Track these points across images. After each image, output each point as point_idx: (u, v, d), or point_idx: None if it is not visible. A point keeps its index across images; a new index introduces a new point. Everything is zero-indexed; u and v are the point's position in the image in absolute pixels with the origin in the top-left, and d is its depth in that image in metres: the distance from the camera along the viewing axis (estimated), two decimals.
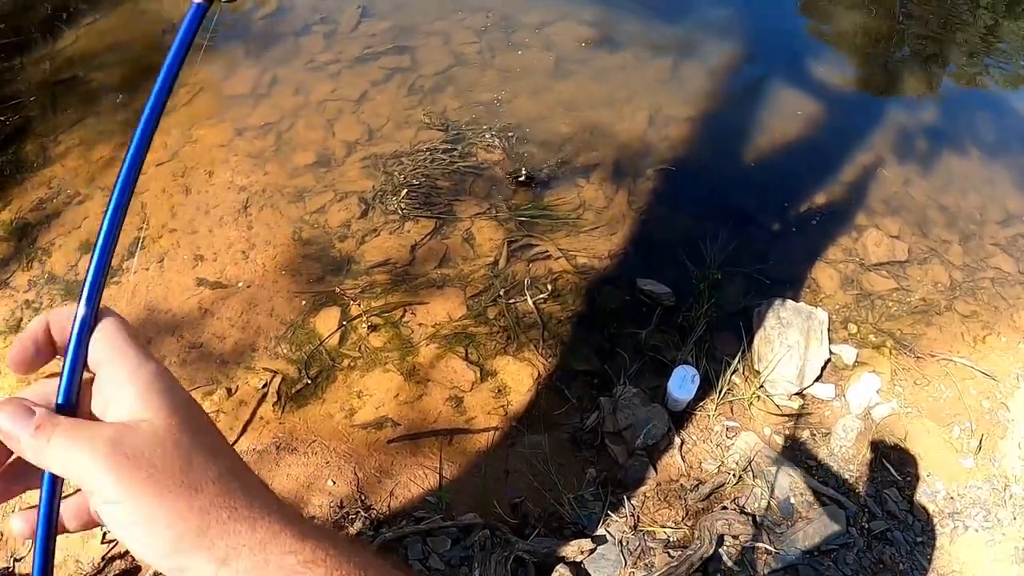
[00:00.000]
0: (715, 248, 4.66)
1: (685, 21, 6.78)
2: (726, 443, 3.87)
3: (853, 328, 4.52)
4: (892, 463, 3.96)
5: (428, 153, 5.20)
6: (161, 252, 4.62)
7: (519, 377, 4.04)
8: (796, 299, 4.48)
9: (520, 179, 4.98)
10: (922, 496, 3.86)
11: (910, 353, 4.44)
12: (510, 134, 5.41)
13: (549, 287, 4.45)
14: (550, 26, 6.52)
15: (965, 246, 5.09)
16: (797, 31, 7.23)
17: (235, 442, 3.70)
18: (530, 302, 4.35)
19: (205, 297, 4.37)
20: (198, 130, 5.44)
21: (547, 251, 4.66)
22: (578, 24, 6.56)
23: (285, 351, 4.12)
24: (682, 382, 3.76)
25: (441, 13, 6.56)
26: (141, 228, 4.75)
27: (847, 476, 3.87)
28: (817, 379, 4.19)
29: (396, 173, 5.05)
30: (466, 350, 4.15)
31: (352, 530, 3.34)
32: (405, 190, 4.92)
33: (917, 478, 3.93)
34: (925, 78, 6.76)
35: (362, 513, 3.41)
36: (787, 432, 4.01)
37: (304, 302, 4.35)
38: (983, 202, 5.42)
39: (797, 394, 4.14)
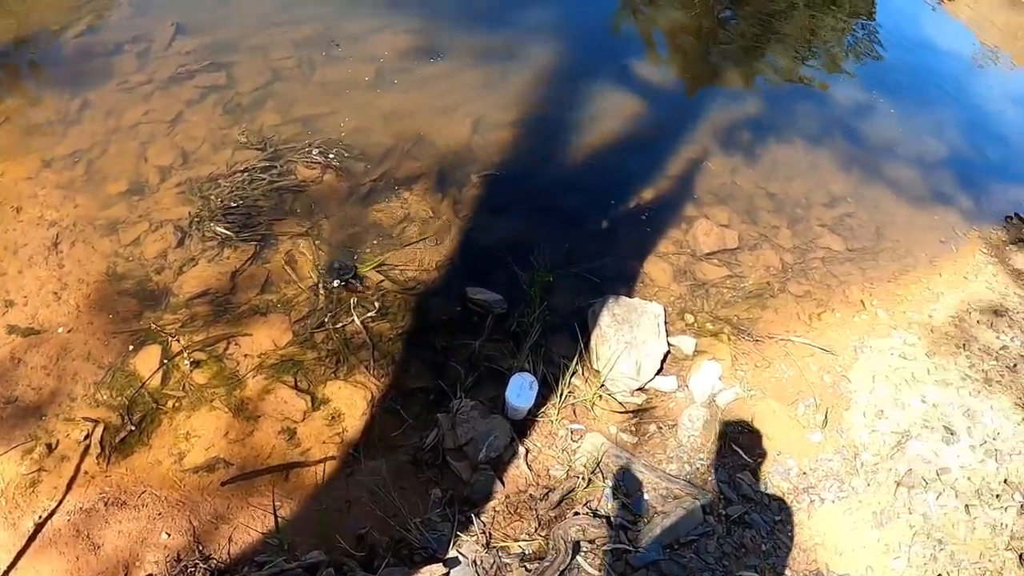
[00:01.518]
0: (546, 251, 4.64)
1: (506, 26, 6.76)
2: (572, 447, 3.83)
3: (690, 318, 4.59)
4: (742, 447, 4.02)
5: (246, 174, 4.97)
6: None
7: (352, 401, 3.89)
8: (630, 295, 4.50)
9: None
10: (775, 475, 3.94)
11: (748, 337, 4.53)
12: (331, 149, 5.24)
13: (377, 304, 4.32)
14: (370, 37, 6.38)
15: (794, 229, 5.25)
16: (619, 31, 7.32)
17: (60, 502, 3.43)
18: (357, 322, 4.21)
19: (17, 346, 4.03)
20: (1, 164, 5.02)
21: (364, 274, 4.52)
22: (399, 33, 6.44)
23: (105, 397, 3.85)
24: (520, 390, 3.70)
25: (260, 26, 6.31)
26: None
27: (699, 465, 3.90)
28: (658, 372, 4.21)
29: (213, 197, 4.80)
30: (295, 378, 3.97)
31: None
32: (223, 214, 4.69)
33: (769, 458, 4.01)
34: (748, 72, 6.96)
35: (201, 565, 3.21)
36: (633, 428, 4.01)
37: (122, 342, 4.07)
38: (808, 187, 5.62)
39: (639, 389, 4.16)
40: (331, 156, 5.18)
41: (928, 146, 6.85)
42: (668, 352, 4.31)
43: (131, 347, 4.04)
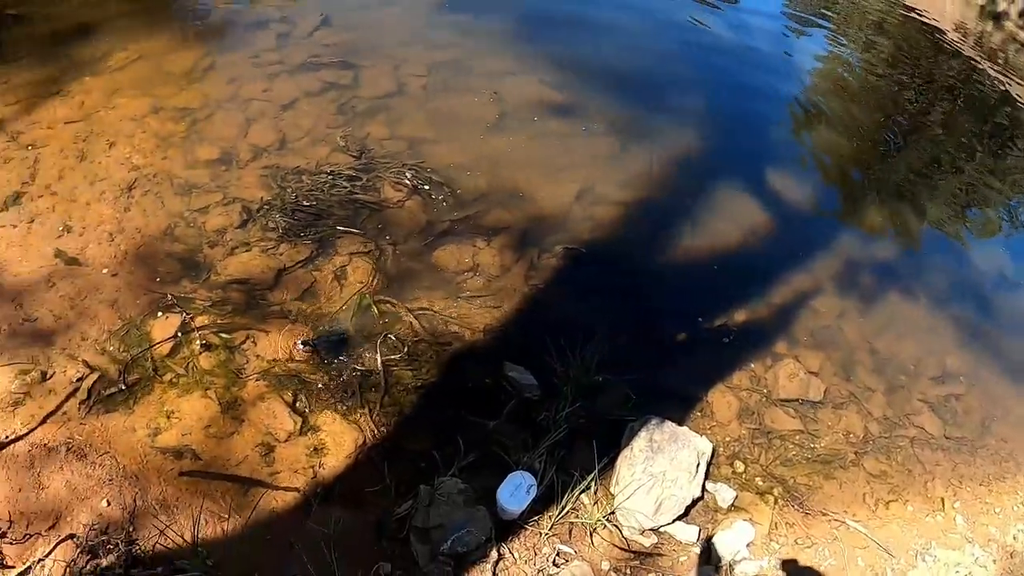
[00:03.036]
0: (604, 348, 4.23)
1: (651, 104, 6.53)
2: (550, 569, 3.36)
3: (740, 466, 4.10)
4: None
5: (330, 177, 4.88)
6: (34, 213, 4.37)
7: (341, 440, 3.60)
8: (681, 422, 4.05)
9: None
10: None
11: (799, 507, 4.02)
12: (425, 176, 5.09)
13: (405, 348, 4.03)
14: (507, 78, 6.30)
15: (890, 397, 4.73)
16: (769, 139, 6.99)
17: (30, 431, 3.37)
18: (378, 360, 3.92)
19: (56, 271, 4.08)
20: (119, 98, 5.24)
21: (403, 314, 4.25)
22: (538, 83, 6.34)
23: (112, 349, 3.77)
24: (515, 490, 3.32)
25: (401, 39, 6.39)
26: (26, 183, 4.53)
27: None
28: (680, 517, 3.74)
29: (290, 189, 4.74)
30: (295, 396, 3.73)
31: (104, 562, 2.97)
32: (292, 210, 4.60)
33: None
34: (892, 214, 6.48)
35: (121, 547, 3.03)
36: (628, 572, 3.52)
37: (150, 301, 3.99)
38: (920, 353, 5.07)
39: (652, 530, 3.67)
40: (423, 184, 5.04)
41: None
42: (700, 498, 3.85)
43: (155, 308, 3.96)
